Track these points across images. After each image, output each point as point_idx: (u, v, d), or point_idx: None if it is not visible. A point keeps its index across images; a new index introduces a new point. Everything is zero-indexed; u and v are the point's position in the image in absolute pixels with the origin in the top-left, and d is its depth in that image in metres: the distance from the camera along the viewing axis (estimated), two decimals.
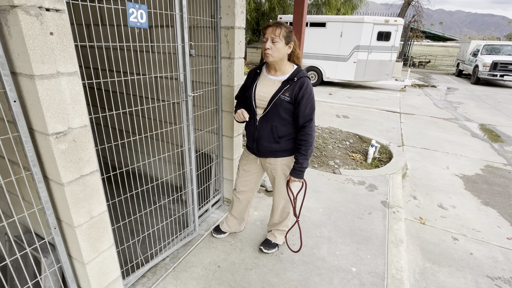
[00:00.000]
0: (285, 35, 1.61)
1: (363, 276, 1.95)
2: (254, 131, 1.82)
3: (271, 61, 1.66)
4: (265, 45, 1.62)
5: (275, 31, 1.59)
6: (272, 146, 1.79)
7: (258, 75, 1.81)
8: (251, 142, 1.88)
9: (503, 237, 2.58)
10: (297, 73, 1.69)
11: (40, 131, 1.11)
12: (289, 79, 1.68)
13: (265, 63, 1.82)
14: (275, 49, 1.61)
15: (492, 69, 11.38)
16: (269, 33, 1.60)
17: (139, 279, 1.85)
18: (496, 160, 4.31)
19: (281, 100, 1.68)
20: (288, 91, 1.67)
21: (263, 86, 1.75)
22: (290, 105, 1.69)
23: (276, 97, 1.68)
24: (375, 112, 6.93)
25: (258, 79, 1.79)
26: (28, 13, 0.94)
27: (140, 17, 1.43)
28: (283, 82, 1.69)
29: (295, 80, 1.66)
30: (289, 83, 1.67)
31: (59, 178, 1.16)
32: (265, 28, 1.63)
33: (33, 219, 1.36)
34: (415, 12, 16.62)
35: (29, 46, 0.96)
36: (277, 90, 1.69)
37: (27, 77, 1.02)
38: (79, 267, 1.39)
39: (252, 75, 1.83)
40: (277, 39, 1.60)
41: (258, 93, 1.75)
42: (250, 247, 2.18)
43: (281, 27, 1.60)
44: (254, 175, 2.04)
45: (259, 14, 16.54)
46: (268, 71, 1.77)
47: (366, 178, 3.34)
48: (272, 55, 1.62)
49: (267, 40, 1.62)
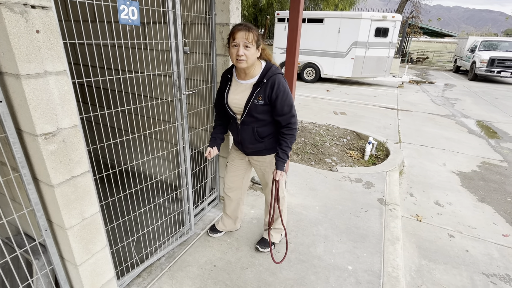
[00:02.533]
0: (256, 40, 1.54)
1: (359, 274, 1.95)
2: (237, 135, 1.81)
3: (244, 67, 1.58)
4: (238, 52, 1.51)
5: (247, 36, 1.50)
6: (257, 146, 1.79)
7: (230, 80, 1.75)
8: (237, 143, 1.89)
9: (499, 234, 2.59)
10: (266, 73, 1.62)
11: (28, 132, 1.08)
12: (258, 81, 1.62)
13: (233, 66, 1.75)
14: (249, 55, 1.53)
15: (490, 65, 11.38)
16: (241, 38, 1.50)
17: (134, 279, 1.84)
18: (493, 156, 4.32)
19: (255, 104, 1.63)
20: (260, 94, 1.61)
21: (235, 92, 1.70)
22: (265, 107, 1.65)
23: (250, 103, 1.63)
24: (372, 108, 6.92)
25: (230, 85, 1.74)
26: (12, 10, 0.91)
27: (131, 14, 1.40)
28: (253, 85, 1.63)
29: (265, 82, 1.60)
30: (260, 86, 1.61)
31: (49, 180, 1.13)
32: (235, 31, 1.52)
33: (24, 221, 1.34)
34: (413, 8, 16.57)
35: (14, 44, 0.93)
36: (249, 95, 1.64)
37: (13, 77, 0.99)
38: (71, 269, 1.37)
39: (224, 80, 1.77)
40: (249, 45, 1.51)
41: (231, 101, 1.71)
42: (246, 245, 2.17)
43: (252, 31, 1.52)
44: (241, 171, 2.03)
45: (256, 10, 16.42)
46: (238, 76, 1.71)
47: (363, 175, 3.33)
48: (246, 61, 1.54)
49: (238, 45, 1.51)
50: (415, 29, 17.16)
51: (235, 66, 1.65)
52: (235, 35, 1.52)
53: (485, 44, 12.70)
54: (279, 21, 10.22)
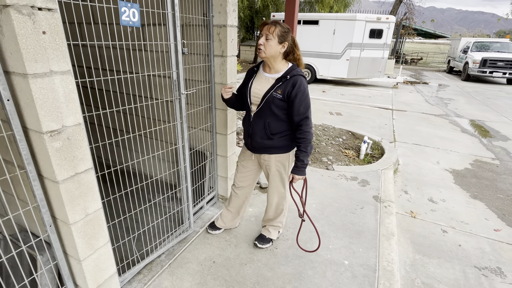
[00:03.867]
0: (279, 34, 1.64)
1: (355, 268, 2.00)
2: (248, 127, 1.87)
3: (263, 57, 1.71)
4: (259, 41, 1.68)
5: (269, 28, 1.65)
6: (265, 142, 1.83)
7: (255, 72, 1.86)
8: (246, 137, 1.93)
9: (490, 229, 2.66)
10: (291, 71, 1.72)
11: (34, 130, 1.12)
12: (282, 77, 1.72)
13: (262, 61, 1.86)
14: (267, 46, 1.66)
15: (482, 65, 11.57)
16: (265, 30, 1.66)
17: (135, 275, 1.87)
18: (485, 154, 4.42)
19: (273, 97, 1.71)
20: (280, 88, 1.70)
21: (258, 83, 1.80)
22: (282, 103, 1.72)
23: (269, 94, 1.72)
24: (367, 109, 7.01)
25: (254, 77, 1.84)
26: (20, 12, 0.95)
27: (132, 16, 1.44)
28: (276, 79, 1.73)
29: (287, 78, 1.69)
30: (282, 81, 1.70)
31: (54, 176, 1.17)
32: (262, 25, 1.69)
33: (28, 218, 1.37)
34: (406, 10, 16.78)
35: (22, 45, 0.97)
36: (270, 87, 1.73)
37: (20, 76, 1.03)
38: (75, 264, 1.40)
39: (250, 73, 1.89)
40: (270, 36, 1.64)
41: (253, 90, 1.80)
42: (245, 242, 2.21)
43: (276, 26, 1.64)
44: (251, 172, 2.07)
45: (252, 12, 16.50)
46: (264, 69, 1.82)
47: (359, 173, 3.39)
48: (264, 51, 1.67)
49: (261, 36, 1.68)
50: (409, 30, 17.38)
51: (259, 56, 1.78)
52: (261, 28, 1.70)
53: (478, 45, 12.92)
54: None
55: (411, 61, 20.31)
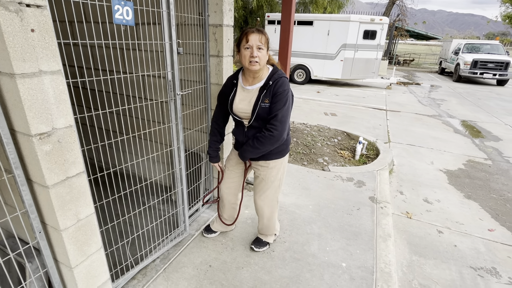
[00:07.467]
0: (267, 42, 1.58)
1: (353, 270, 1.98)
2: (243, 136, 1.78)
3: (257, 70, 1.60)
4: (252, 53, 1.54)
5: (261, 39, 1.54)
6: None
7: (235, 86, 1.74)
8: (240, 145, 1.84)
9: (485, 229, 2.68)
10: (272, 76, 1.64)
11: (23, 132, 1.07)
12: (265, 84, 1.64)
13: (240, 70, 1.77)
14: (261, 57, 1.56)
15: (473, 67, 11.77)
16: (254, 40, 1.53)
17: (129, 281, 1.82)
18: (477, 155, 4.47)
19: (263, 108, 1.63)
20: (266, 97, 1.62)
21: (241, 100, 1.70)
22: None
23: (258, 107, 1.64)
24: (362, 109, 7.05)
25: (235, 92, 1.73)
26: (7, 8, 0.90)
27: (126, 14, 1.40)
28: (260, 89, 1.64)
29: (271, 84, 1.62)
30: (266, 88, 1.62)
31: (44, 181, 1.12)
32: (248, 34, 1.53)
33: (17, 224, 1.31)
34: (399, 11, 16.97)
35: (9, 43, 0.92)
36: (255, 100, 1.65)
37: (7, 76, 0.98)
38: (66, 272, 1.35)
39: (229, 86, 1.77)
40: (262, 47, 1.55)
41: (239, 109, 1.71)
42: (241, 245, 2.18)
43: (263, 33, 1.56)
44: (239, 178, 2.02)
45: (247, 12, 16.46)
46: (245, 81, 1.71)
47: (354, 174, 3.39)
48: (259, 63, 1.57)
49: (251, 47, 1.54)
50: (402, 31, 17.57)
51: (245, 69, 1.65)
52: (249, 37, 1.53)
53: (468, 47, 13.14)
54: (269, 23, 10.30)
55: (404, 62, 20.53)
